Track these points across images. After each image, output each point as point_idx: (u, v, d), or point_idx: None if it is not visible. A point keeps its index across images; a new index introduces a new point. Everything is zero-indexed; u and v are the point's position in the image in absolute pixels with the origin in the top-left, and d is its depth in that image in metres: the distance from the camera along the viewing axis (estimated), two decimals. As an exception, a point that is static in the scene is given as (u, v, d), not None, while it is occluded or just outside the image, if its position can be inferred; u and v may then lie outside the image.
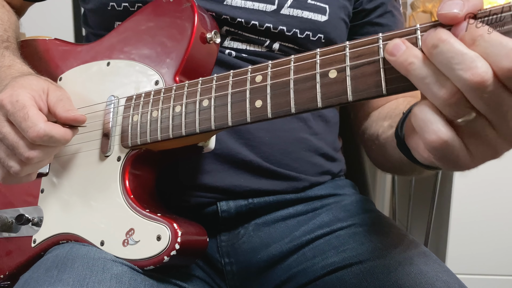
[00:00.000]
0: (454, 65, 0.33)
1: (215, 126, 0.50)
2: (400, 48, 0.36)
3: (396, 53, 0.36)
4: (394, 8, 0.75)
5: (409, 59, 0.36)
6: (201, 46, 0.59)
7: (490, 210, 1.47)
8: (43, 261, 0.55)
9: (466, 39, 0.34)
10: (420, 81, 0.35)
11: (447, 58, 0.33)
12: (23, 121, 0.52)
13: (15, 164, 0.55)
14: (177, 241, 0.52)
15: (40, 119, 0.52)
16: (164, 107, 0.54)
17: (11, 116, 0.53)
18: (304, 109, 0.43)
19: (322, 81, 0.42)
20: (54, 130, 0.53)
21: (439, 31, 0.34)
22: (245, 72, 0.48)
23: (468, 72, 0.32)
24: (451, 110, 0.35)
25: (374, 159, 0.73)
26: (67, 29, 1.72)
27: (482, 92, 0.33)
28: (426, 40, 0.35)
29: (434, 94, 0.35)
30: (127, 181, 0.57)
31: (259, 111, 0.46)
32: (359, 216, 0.68)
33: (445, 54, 0.33)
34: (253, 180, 0.65)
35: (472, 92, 0.33)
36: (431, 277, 0.54)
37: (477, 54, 0.33)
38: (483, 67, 0.32)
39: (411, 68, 0.36)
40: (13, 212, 0.66)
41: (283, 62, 0.46)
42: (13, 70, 0.61)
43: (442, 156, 0.37)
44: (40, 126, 0.52)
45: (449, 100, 0.34)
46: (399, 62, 0.36)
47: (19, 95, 0.53)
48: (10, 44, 0.67)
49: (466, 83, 0.33)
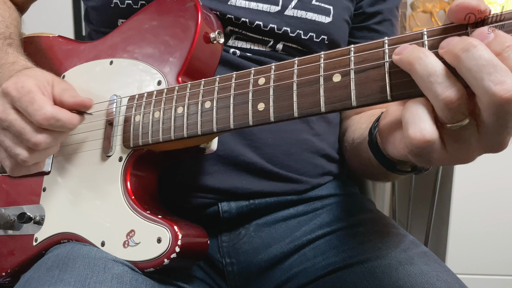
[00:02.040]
0: (485, 74, 0.32)
1: (217, 129, 0.49)
2: (407, 47, 0.36)
3: (403, 51, 0.36)
4: (393, 17, 0.75)
5: (416, 54, 0.35)
6: (204, 46, 0.59)
7: (490, 210, 1.47)
8: (44, 261, 0.54)
9: (492, 47, 0.32)
10: (424, 78, 0.34)
11: (478, 66, 0.32)
12: (29, 105, 0.52)
13: (22, 151, 0.54)
14: (177, 244, 0.51)
15: (46, 102, 0.52)
16: (166, 108, 0.54)
17: (17, 102, 0.53)
18: (307, 113, 0.43)
19: (326, 85, 0.41)
20: (61, 113, 0.53)
21: (467, 38, 0.33)
22: (248, 74, 0.48)
23: (498, 86, 0.31)
24: (449, 113, 0.34)
25: (348, 160, 0.73)
26: (67, 27, 1.72)
27: (502, 107, 0.32)
28: (452, 43, 0.33)
29: (437, 95, 0.34)
30: (128, 182, 0.57)
31: (261, 114, 0.46)
32: (360, 216, 0.67)
33: (476, 60, 0.32)
34: (255, 182, 0.64)
35: (492, 105, 0.32)
36: (431, 277, 0.54)
37: (507, 68, 0.32)
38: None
39: (418, 62, 0.34)
40: (15, 210, 0.65)
41: (287, 65, 0.45)
42: (17, 66, 0.60)
43: (418, 154, 0.36)
44: (47, 108, 0.52)
45: (452, 103, 0.33)
46: (405, 57, 0.35)
47: (24, 81, 0.53)
48: (13, 41, 0.66)
49: (491, 96, 0.32)
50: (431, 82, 0.34)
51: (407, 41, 0.37)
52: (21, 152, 0.54)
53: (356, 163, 0.71)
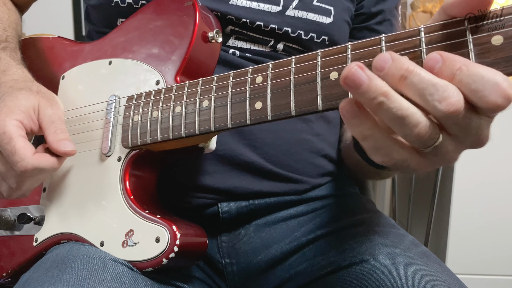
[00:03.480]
0: (428, 96, 0.32)
1: (214, 128, 0.49)
2: (362, 80, 0.33)
3: (360, 85, 0.33)
4: (393, 17, 0.75)
5: (377, 99, 0.33)
6: (202, 45, 0.58)
7: (490, 210, 1.47)
8: (43, 261, 0.54)
9: (444, 74, 0.32)
10: (391, 122, 0.34)
11: (420, 90, 0.32)
12: (10, 155, 0.51)
13: (6, 189, 0.56)
14: (175, 244, 0.51)
15: (27, 152, 0.52)
16: (164, 107, 0.53)
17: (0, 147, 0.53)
18: (304, 112, 0.42)
19: (323, 83, 0.41)
20: (43, 163, 0.52)
21: (404, 61, 0.33)
22: (245, 73, 0.47)
23: (443, 103, 0.32)
24: (422, 143, 0.34)
25: (344, 160, 0.73)
26: (67, 27, 1.72)
27: (456, 118, 0.32)
28: (391, 70, 0.33)
29: (406, 134, 0.34)
30: (127, 181, 0.56)
31: (259, 112, 0.45)
32: (359, 216, 0.67)
33: (416, 85, 0.32)
34: (254, 182, 0.64)
35: (446, 118, 0.33)
36: (431, 277, 0.54)
37: (446, 83, 0.32)
38: (456, 95, 0.32)
39: (381, 108, 0.33)
40: (15, 210, 0.65)
41: (284, 63, 0.44)
42: (7, 77, 0.59)
43: (395, 166, 0.37)
44: (27, 161, 0.51)
45: (422, 136, 0.34)
46: (367, 99, 0.33)
47: (6, 126, 0.52)
48: (8, 44, 0.66)
49: (441, 113, 0.32)
50: (399, 124, 0.34)
51: (404, 38, 0.37)
52: (5, 190, 0.56)
53: (350, 164, 0.71)
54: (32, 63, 0.65)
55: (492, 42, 0.33)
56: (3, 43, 0.66)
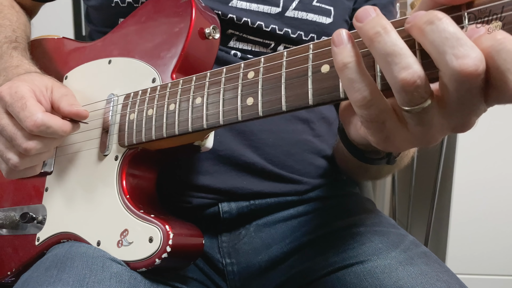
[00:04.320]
0: (447, 47, 0.30)
1: (207, 125, 0.47)
2: (369, 14, 0.33)
3: (364, 19, 0.33)
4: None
5: (376, 28, 0.32)
6: (199, 42, 0.57)
7: (490, 210, 1.46)
8: (43, 261, 0.54)
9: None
10: (381, 57, 0.32)
11: (441, 38, 0.30)
12: (20, 111, 0.51)
13: (13, 156, 0.54)
14: (168, 244, 0.50)
15: (38, 109, 0.51)
16: (159, 105, 0.52)
17: (9, 107, 0.52)
18: (295, 107, 0.40)
19: (314, 77, 0.39)
20: (52, 121, 0.52)
21: (434, 11, 0.31)
22: (237, 68, 0.46)
23: (460, 60, 0.29)
24: (406, 96, 0.32)
25: (335, 159, 0.72)
26: (67, 27, 1.72)
27: (463, 84, 0.30)
28: (418, 17, 0.31)
29: (393, 76, 0.32)
30: (124, 180, 0.55)
31: (250, 108, 0.44)
32: (360, 216, 0.66)
33: (440, 33, 0.30)
34: (255, 183, 0.64)
35: (453, 80, 0.30)
36: (431, 277, 0.53)
37: (472, 43, 0.30)
38: (477, 58, 0.29)
39: (377, 40, 0.32)
40: (20, 210, 0.65)
41: (276, 56, 0.43)
42: (20, 69, 0.60)
43: (369, 119, 0.35)
44: (37, 115, 0.51)
45: (408, 86, 0.31)
46: (365, 30, 0.33)
47: (18, 86, 0.52)
48: (18, 44, 0.66)
49: (452, 70, 0.30)
50: (388, 63, 0.32)
51: (397, 27, 0.34)
52: (12, 157, 0.54)
53: (339, 160, 0.70)
54: (38, 64, 0.66)
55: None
56: (13, 43, 0.66)
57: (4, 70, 0.60)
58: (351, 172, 0.69)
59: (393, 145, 0.37)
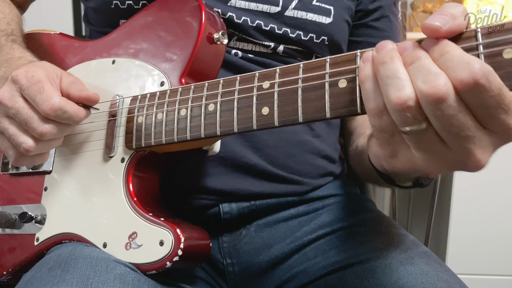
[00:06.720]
0: (417, 73, 0.34)
1: (220, 132, 0.49)
2: (385, 46, 0.37)
3: (380, 50, 0.37)
4: (391, 14, 0.74)
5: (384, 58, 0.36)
6: (208, 47, 0.58)
7: (490, 210, 1.47)
8: (46, 260, 0.54)
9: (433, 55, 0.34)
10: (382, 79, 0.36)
11: (415, 68, 0.34)
12: (38, 94, 0.51)
13: (27, 139, 0.53)
14: (179, 247, 0.51)
15: (55, 93, 0.52)
16: (169, 109, 0.53)
17: (25, 90, 0.52)
18: (311, 119, 0.42)
19: (331, 91, 0.41)
20: (69, 105, 0.52)
21: (389, 50, 0.36)
22: (252, 78, 0.47)
23: (427, 84, 0.33)
24: (399, 116, 0.35)
25: (353, 166, 0.73)
26: (67, 27, 1.71)
27: (437, 106, 0.33)
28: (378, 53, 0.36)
29: (388, 95, 0.35)
30: (130, 183, 0.56)
31: (265, 118, 0.45)
32: (360, 216, 0.67)
33: (414, 65, 0.34)
34: (256, 184, 0.64)
35: (429, 106, 0.33)
36: (432, 276, 0.54)
37: (441, 71, 0.33)
38: (443, 83, 0.32)
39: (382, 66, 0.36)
40: (16, 209, 0.65)
41: (292, 68, 0.44)
42: (23, 61, 0.60)
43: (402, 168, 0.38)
44: (55, 99, 0.51)
45: (400, 105, 0.34)
46: (377, 59, 0.36)
47: (35, 71, 0.53)
48: (16, 37, 0.66)
49: (423, 95, 0.33)
50: (387, 84, 0.35)
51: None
52: (26, 140, 0.53)
53: (360, 171, 0.70)
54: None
55: (504, 55, 0.33)
56: (11, 35, 0.65)
57: (6, 61, 0.60)
58: (374, 183, 0.69)
59: (399, 162, 0.39)
